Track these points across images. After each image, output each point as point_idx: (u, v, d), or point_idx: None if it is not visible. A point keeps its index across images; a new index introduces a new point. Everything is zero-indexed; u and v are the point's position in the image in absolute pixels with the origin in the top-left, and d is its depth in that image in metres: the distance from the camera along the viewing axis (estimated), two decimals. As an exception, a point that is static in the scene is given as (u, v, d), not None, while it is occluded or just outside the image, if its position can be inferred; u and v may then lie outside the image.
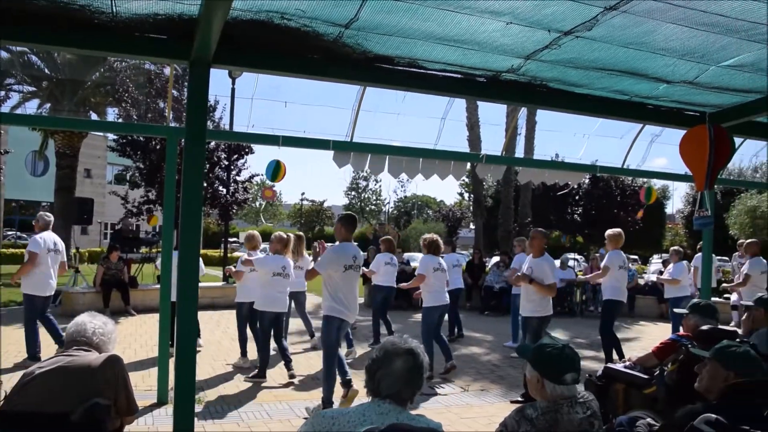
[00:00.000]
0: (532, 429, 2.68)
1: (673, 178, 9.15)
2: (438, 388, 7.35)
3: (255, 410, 6.26)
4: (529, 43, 4.14)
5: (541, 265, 6.97)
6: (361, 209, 57.31)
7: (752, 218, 22.96)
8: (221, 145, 19.53)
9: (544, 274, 6.92)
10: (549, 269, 6.97)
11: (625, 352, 9.01)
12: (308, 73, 4.53)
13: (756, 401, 3.01)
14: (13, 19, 3.64)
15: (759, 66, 4.56)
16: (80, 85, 20.71)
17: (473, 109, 19.49)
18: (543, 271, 6.91)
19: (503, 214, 21.27)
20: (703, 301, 5.33)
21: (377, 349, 2.42)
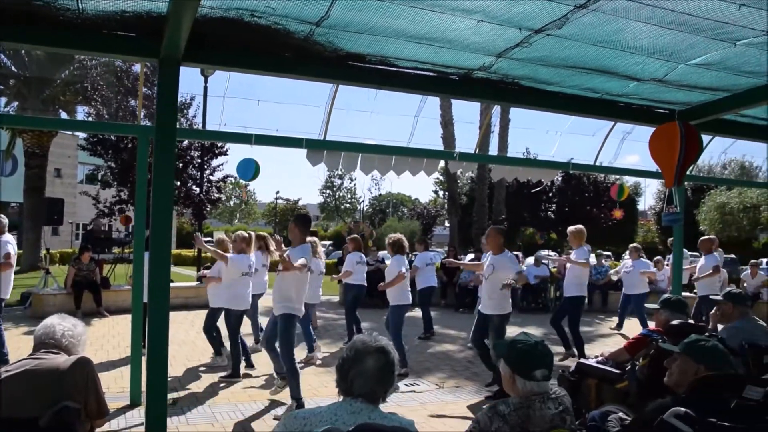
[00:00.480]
0: (504, 425, 2.69)
1: (644, 175, 9.26)
2: (413, 386, 7.36)
3: (229, 410, 6.21)
4: (501, 41, 4.15)
5: (502, 261, 6.94)
6: (336, 207, 57.14)
7: (721, 214, 23.39)
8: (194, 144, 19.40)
9: (506, 269, 6.86)
10: (509, 263, 6.94)
11: (597, 347, 9.12)
12: (280, 71, 4.50)
13: (724, 394, 3.06)
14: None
15: (725, 65, 4.63)
16: (49, 83, 20.37)
17: (447, 107, 19.54)
18: (505, 266, 6.86)
19: (477, 212, 21.38)
20: (674, 296, 5.40)
21: (348, 349, 2.40)
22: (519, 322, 12.97)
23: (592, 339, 11.31)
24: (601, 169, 10.40)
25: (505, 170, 8.27)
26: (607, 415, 3.92)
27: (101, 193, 19.68)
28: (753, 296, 14.13)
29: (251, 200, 63.76)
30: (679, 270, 7.73)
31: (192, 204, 19.15)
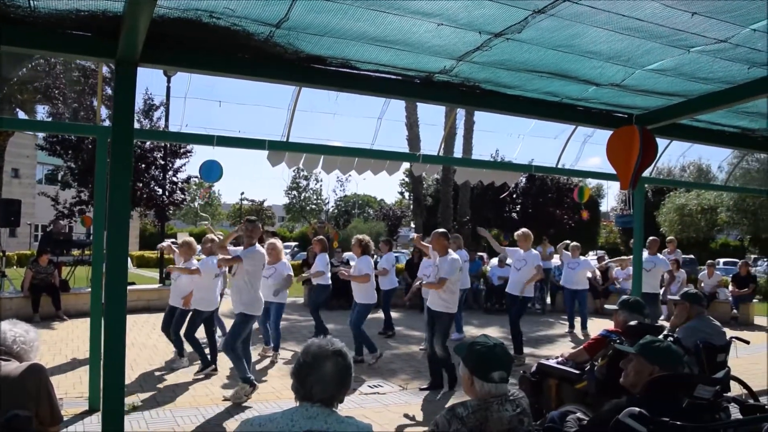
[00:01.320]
0: (462, 428, 2.70)
1: (605, 178, 9.41)
2: (377, 387, 7.36)
3: (191, 414, 6.12)
4: (461, 45, 4.18)
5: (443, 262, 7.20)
6: (302, 208, 56.78)
7: (680, 215, 23.89)
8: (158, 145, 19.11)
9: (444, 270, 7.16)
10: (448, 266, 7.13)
11: (559, 347, 9.23)
12: (240, 73, 4.46)
13: (677, 394, 3.12)
14: None
15: (680, 71, 4.73)
16: (5, 82, 19.84)
17: (412, 109, 19.58)
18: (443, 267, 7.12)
19: (443, 213, 21.48)
20: (632, 297, 5.49)
21: (304, 353, 2.37)
22: (483, 323, 13.09)
23: (554, 339, 11.46)
24: (562, 171, 10.55)
25: (469, 172, 8.34)
26: (566, 415, 3.96)
27: (61, 193, 19.24)
28: (710, 296, 14.44)
29: (215, 201, 63.07)
30: (639, 271, 7.89)
31: (155, 205, 18.85)
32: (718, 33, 3.99)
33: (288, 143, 6.74)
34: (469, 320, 13.79)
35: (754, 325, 14.07)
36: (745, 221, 21.69)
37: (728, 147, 8.04)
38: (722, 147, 7.90)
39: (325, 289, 9.88)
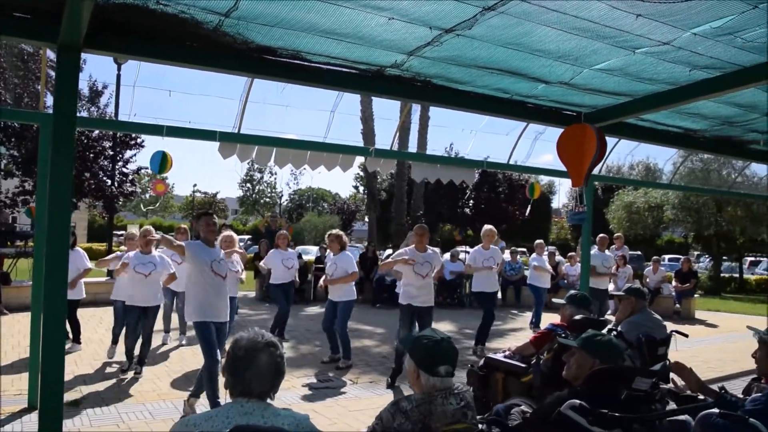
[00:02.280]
0: (406, 422, 2.71)
1: (556, 174, 9.57)
2: (328, 382, 7.35)
3: (137, 410, 6.01)
4: (412, 39, 4.18)
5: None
6: (255, 202, 56.20)
7: (628, 213, 24.42)
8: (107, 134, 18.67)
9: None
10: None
11: (510, 341, 9.37)
12: (188, 62, 4.38)
13: (617, 386, 3.20)
14: None
15: (627, 71, 4.84)
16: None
17: (367, 104, 19.54)
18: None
19: (396, 208, 21.54)
20: (579, 292, 5.61)
21: (237, 348, 2.32)
22: (436, 317, 13.14)
23: (504, 333, 11.62)
24: (515, 168, 10.68)
25: (427, 170, 8.37)
26: (511, 408, 4.02)
27: (3, 183, 18.63)
28: (654, 291, 14.88)
29: (169, 193, 61.92)
30: (587, 267, 8.06)
31: (103, 196, 18.45)
32: (662, 36, 4.09)
33: (239, 135, 6.66)
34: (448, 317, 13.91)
35: (695, 319, 14.55)
36: (689, 219, 22.32)
37: (672, 146, 8.27)
38: (667, 146, 8.12)
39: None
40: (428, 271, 7.17)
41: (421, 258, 7.14)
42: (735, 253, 25.74)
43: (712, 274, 23.93)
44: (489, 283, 9.49)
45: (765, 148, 8.07)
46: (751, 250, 27.20)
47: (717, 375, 7.89)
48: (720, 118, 6.48)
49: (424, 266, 7.14)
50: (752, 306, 18.03)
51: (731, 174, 17.98)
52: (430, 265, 7.20)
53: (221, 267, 5.77)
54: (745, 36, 4.04)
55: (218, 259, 5.76)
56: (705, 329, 13.28)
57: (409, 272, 7.13)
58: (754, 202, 20.28)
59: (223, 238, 8.40)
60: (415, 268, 7.11)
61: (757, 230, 21.50)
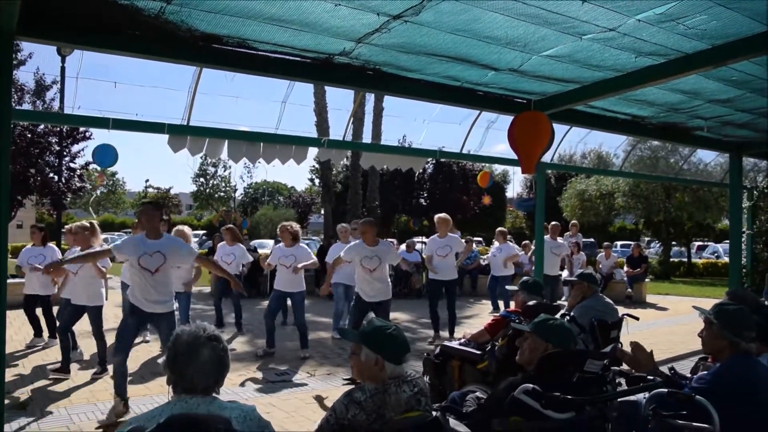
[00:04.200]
0: (360, 412, 2.68)
1: (509, 163, 9.63)
2: (284, 375, 7.28)
3: (88, 410, 5.84)
4: (360, 26, 4.13)
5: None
6: (210, 196, 55.39)
7: (581, 201, 24.82)
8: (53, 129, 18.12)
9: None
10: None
11: (466, 329, 9.44)
12: (130, 51, 4.24)
13: (569, 369, 3.24)
14: None
15: (574, 57, 4.88)
16: None
17: (321, 94, 19.38)
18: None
19: (351, 200, 21.47)
20: (531, 278, 5.67)
21: (176, 344, 2.25)
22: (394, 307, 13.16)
23: (461, 321, 11.70)
24: (467, 157, 10.72)
25: (375, 158, 8.33)
26: (466, 395, 4.03)
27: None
28: (607, 276, 15.18)
29: (119, 189, 60.64)
30: (541, 254, 8.17)
31: (50, 193, 17.92)
32: (607, 22, 4.14)
33: (189, 127, 6.49)
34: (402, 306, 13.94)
35: (646, 303, 14.91)
36: (639, 206, 22.82)
37: (622, 133, 8.40)
38: (616, 133, 8.25)
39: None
40: (377, 266, 6.98)
41: (369, 252, 7.00)
42: (683, 239, 26.46)
43: (662, 259, 24.57)
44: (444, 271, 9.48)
45: (708, 134, 8.28)
46: (698, 235, 27.95)
47: (667, 356, 8.08)
48: (666, 104, 6.60)
49: (372, 260, 6.97)
50: (700, 289, 18.58)
51: (678, 161, 18.39)
52: (379, 260, 7.01)
53: (150, 261, 5.55)
54: (687, 23, 4.11)
55: (150, 253, 5.54)
56: (656, 312, 13.61)
57: (358, 267, 7.04)
58: (701, 189, 20.85)
59: (175, 232, 8.30)
60: (363, 262, 6.97)
61: (704, 215, 22.10)
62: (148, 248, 5.56)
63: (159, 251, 5.60)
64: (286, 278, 8.24)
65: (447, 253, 9.49)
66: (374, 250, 7.02)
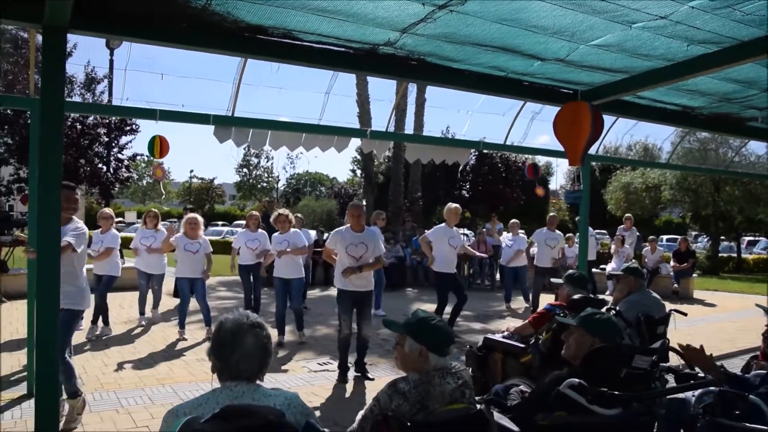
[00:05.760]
0: (404, 402, 2.69)
1: (553, 155, 9.50)
2: (326, 365, 7.34)
3: (136, 395, 6.00)
4: (405, 16, 4.10)
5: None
6: (253, 186, 56.10)
7: (626, 194, 24.36)
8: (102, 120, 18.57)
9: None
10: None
11: (507, 322, 9.36)
12: (178, 43, 4.30)
13: (616, 364, 3.18)
14: None
15: (623, 46, 4.76)
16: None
17: (363, 85, 19.35)
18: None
19: (393, 191, 21.44)
20: (577, 272, 5.59)
21: (220, 331, 2.27)
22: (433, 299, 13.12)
23: (502, 314, 11.64)
24: (511, 149, 10.63)
25: (420, 150, 8.30)
26: (510, 388, 4.01)
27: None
28: (652, 271, 14.89)
29: (165, 179, 61.84)
30: (585, 247, 8.03)
31: (99, 183, 18.41)
32: (659, 9, 4.02)
33: (233, 118, 6.59)
34: (420, 297, 13.91)
35: (693, 299, 14.57)
36: (687, 199, 22.30)
37: (670, 124, 8.19)
38: (665, 124, 8.04)
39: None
40: (363, 253, 6.62)
41: (355, 238, 6.65)
42: (733, 233, 25.77)
43: (710, 253, 23.95)
44: (449, 263, 9.20)
45: (763, 125, 8.01)
46: (749, 229, 27.23)
47: (716, 354, 7.88)
48: (718, 94, 6.41)
49: (358, 247, 6.62)
50: (750, 285, 18.07)
51: (729, 153, 17.90)
52: (365, 246, 6.64)
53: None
54: (743, 9, 3.97)
55: None
56: (703, 308, 13.30)
57: (342, 254, 6.69)
58: (752, 182, 20.25)
59: (187, 219, 8.62)
60: (348, 249, 6.63)
61: (755, 210, 21.48)
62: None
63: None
64: (283, 265, 8.29)
65: (457, 244, 9.25)
66: (360, 236, 6.71)
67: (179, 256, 8.58)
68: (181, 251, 8.48)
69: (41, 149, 3.56)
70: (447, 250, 9.11)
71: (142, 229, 9.77)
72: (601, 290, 13.66)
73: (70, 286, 5.00)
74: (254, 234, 9.54)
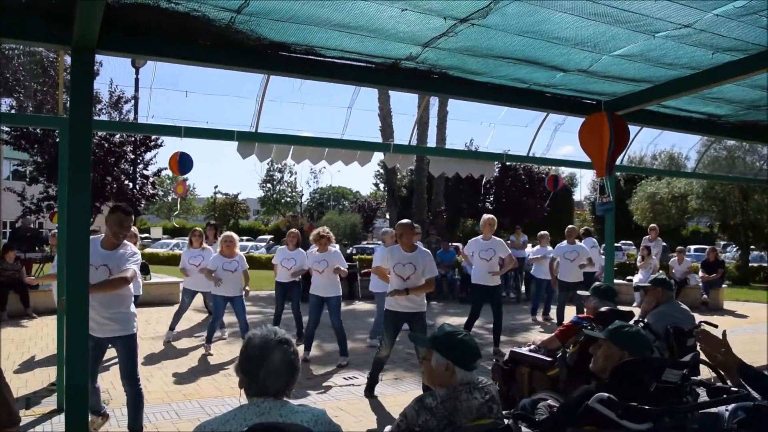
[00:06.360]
0: (431, 418, 2.68)
1: (577, 166, 9.46)
2: (352, 379, 7.33)
3: (163, 410, 6.05)
4: (426, 31, 4.12)
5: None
6: (276, 201, 56.51)
7: (652, 203, 24.07)
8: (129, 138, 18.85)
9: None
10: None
11: (533, 335, 9.28)
12: (202, 60, 4.36)
13: (644, 378, 3.13)
14: None
15: (646, 56, 4.73)
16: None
17: (385, 100, 19.46)
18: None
19: (417, 204, 21.46)
20: (604, 284, 5.53)
21: (248, 347, 2.28)
22: (460, 312, 13.11)
23: (528, 327, 11.55)
24: (534, 160, 10.58)
25: (444, 164, 8.29)
26: (537, 403, 3.96)
27: (28, 189, 18.92)
28: (680, 282, 14.68)
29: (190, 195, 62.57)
30: (611, 258, 7.93)
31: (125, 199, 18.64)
32: (682, 18, 3.99)
33: (257, 134, 6.66)
34: (446, 310, 13.84)
35: (723, 310, 14.32)
36: (714, 208, 21.95)
37: (696, 133, 8.10)
38: (690, 133, 7.96)
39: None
40: (410, 274, 6.40)
41: (404, 258, 6.47)
42: (763, 242, 25.25)
43: (740, 263, 23.50)
44: (486, 275, 9.07)
45: (792, 132, 7.88)
46: (780, 238, 26.66)
47: (748, 365, 7.72)
48: (745, 102, 6.32)
49: (406, 267, 6.43)
50: (782, 295, 17.71)
51: (757, 161, 17.63)
52: (414, 267, 6.42)
53: (95, 275, 4.66)
54: (770, 15, 3.92)
55: (95, 266, 4.67)
56: (734, 320, 13.06)
57: (391, 273, 6.56)
58: (782, 190, 19.90)
59: (223, 238, 8.65)
60: (395, 268, 6.48)
61: (786, 219, 21.09)
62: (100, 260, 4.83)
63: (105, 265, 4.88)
64: (321, 283, 8.22)
65: (491, 256, 9.08)
66: (409, 257, 6.49)
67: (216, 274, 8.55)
68: (219, 271, 8.44)
69: (70, 166, 3.62)
70: (479, 263, 9.08)
71: (189, 249, 9.92)
72: (627, 302, 13.49)
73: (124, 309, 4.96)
74: (291, 252, 9.42)
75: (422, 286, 6.44)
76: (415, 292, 6.41)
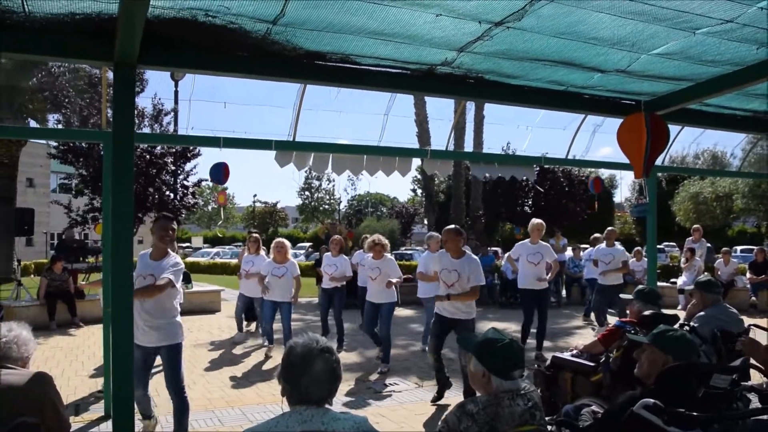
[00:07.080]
0: (473, 425, 2.66)
1: (615, 167, 9.31)
2: (393, 386, 7.33)
3: (206, 417, 6.13)
4: (461, 35, 4.11)
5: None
6: (315, 209, 56.91)
7: (695, 204, 23.60)
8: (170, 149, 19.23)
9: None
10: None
11: (575, 340, 9.14)
12: (239, 72, 4.43)
13: (692, 383, 3.06)
14: None
15: (687, 54, 4.63)
16: (16, 92, 20.00)
17: (421, 105, 19.46)
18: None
19: (455, 209, 21.37)
20: (647, 287, 5.42)
21: (290, 355, 2.30)
22: (499, 317, 13.02)
23: (570, 332, 11.38)
24: (573, 162, 10.46)
25: (485, 167, 8.24)
26: (580, 409, 3.92)
27: (74, 201, 19.44)
28: (727, 284, 14.29)
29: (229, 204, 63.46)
30: (654, 261, 7.78)
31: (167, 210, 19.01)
32: (724, 13, 3.89)
33: (294, 143, 6.72)
34: (485, 315, 13.74)
35: (773, 312, 13.89)
36: (761, 207, 21.41)
37: (740, 131, 7.89)
38: (734, 131, 7.75)
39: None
40: (455, 281, 6.33)
41: (449, 264, 6.43)
42: (814, 241, 24.52)
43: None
44: (534, 279, 9.00)
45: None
46: (832, 237, 25.85)
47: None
48: (791, 97, 6.15)
49: (451, 274, 6.37)
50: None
51: (805, 158, 17.13)
52: (458, 274, 6.34)
53: (142, 284, 4.89)
54: (818, 6, 3.81)
55: (143, 275, 4.94)
56: (784, 322, 12.66)
57: (439, 280, 6.56)
58: (832, 187, 19.27)
59: (275, 244, 8.78)
60: (441, 274, 6.48)
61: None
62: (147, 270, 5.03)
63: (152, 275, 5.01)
64: (375, 290, 8.24)
65: (539, 260, 9.00)
66: (455, 263, 6.43)
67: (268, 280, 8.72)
68: (269, 277, 8.64)
69: (114, 178, 3.70)
70: (526, 266, 9.04)
71: (246, 255, 10.16)
72: (671, 305, 13.19)
73: (169, 319, 5.05)
74: (334, 259, 9.42)
75: (465, 294, 6.35)
76: (457, 299, 6.34)
